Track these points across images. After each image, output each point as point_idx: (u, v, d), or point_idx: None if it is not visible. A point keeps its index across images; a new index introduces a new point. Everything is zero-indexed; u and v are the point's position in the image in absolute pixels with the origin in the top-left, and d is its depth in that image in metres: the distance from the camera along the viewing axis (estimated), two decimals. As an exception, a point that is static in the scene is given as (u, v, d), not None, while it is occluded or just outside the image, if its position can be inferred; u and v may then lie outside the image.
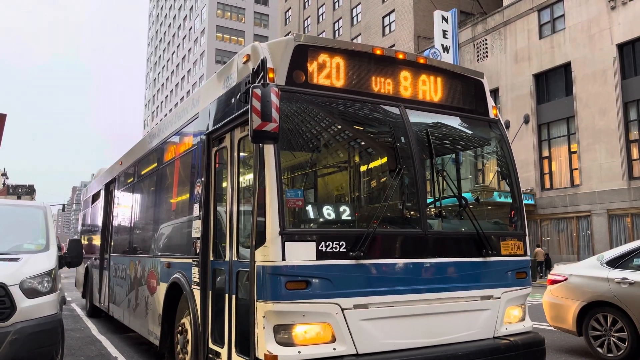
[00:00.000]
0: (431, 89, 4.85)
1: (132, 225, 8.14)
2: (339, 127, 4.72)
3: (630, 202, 20.73)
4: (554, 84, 24.62)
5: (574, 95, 23.08)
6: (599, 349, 6.60)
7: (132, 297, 7.46)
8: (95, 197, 11.82)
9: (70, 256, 6.88)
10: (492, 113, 5.24)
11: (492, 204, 9.90)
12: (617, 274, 6.47)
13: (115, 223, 9.36)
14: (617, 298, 6.36)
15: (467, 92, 5.13)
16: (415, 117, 4.66)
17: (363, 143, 5.19)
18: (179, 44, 75.36)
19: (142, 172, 7.76)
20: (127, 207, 8.62)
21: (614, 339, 6.44)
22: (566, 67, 23.68)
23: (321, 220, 4.12)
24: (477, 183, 16.53)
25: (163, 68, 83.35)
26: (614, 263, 6.67)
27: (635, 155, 21.00)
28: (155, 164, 7.06)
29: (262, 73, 3.99)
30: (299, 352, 3.68)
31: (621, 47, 21.53)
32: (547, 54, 24.48)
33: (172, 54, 78.44)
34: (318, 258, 3.80)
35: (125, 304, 7.92)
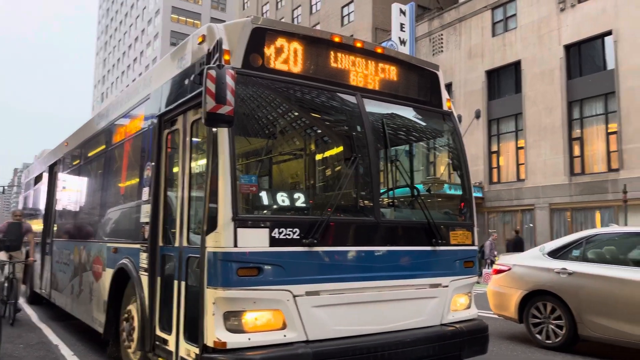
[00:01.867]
0: (388, 78, 4.88)
1: (78, 209, 7.82)
2: (295, 113, 4.68)
3: (570, 197, 21.73)
4: (504, 81, 25.38)
5: (523, 93, 23.89)
6: (538, 336, 6.91)
7: (76, 284, 7.19)
8: (37, 179, 11.29)
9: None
10: (446, 105, 5.33)
11: (443, 195, 10.14)
12: (557, 264, 6.78)
13: (59, 207, 8.98)
14: (556, 287, 6.66)
15: (423, 84, 5.19)
16: (371, 106, 4.68)
17: (319, 131, 5.17)
18: (132, 24, 72.69)
19: (89, 154, 7.45)
20: (73, 190, 8.28)
21: (552, 326, 6.75)
22: (516, 65, 24.44)
23: (275, 206, 4.08)
24: (428, 175, 16.89)
25: (114, 48, 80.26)
26: (554, 254, 6.97)
27: (576, 152, 21.99)
28: (104, 146, 6.79)
29: (218, 54, 3.89)
30: (249, 339, 3.65)
31: (568, 48, 22.40)
32: (499, 52, 25.18)
33: (124, 34, 75.61)
34: (271, 245, 3.77)
35: (68, 291, 7.63)
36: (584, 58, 22.25)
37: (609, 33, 20.90)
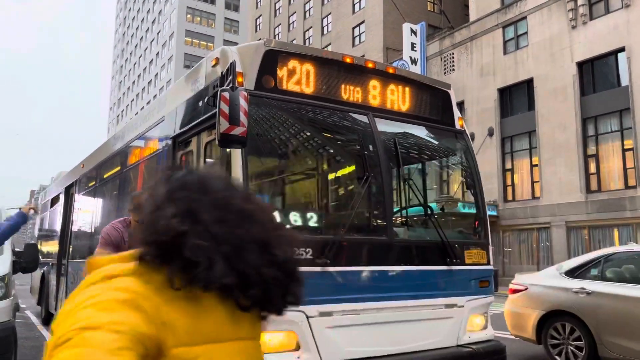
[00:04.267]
0: (399, 98, 4.90)
1: (93, 230, 7.89)
2: (308, 133, 4.71)
3: (587, 214, 21.42)
4: (517, 98, 25.32)
5: (536, 110, 23.78)
6: (557, 358, 6.75)
7: (91, 305, 7.21)
8: (54, 201, 11.43)
9: (25, 261, 6.61)
10: (458, 124, 5.33)
11: (457, 214, 10.07)
12: (575, 283, 6.65)
13: (74, 228, 9.07)
14: (574, 307, 6.53)
15: (434, 103, 5.21)
16: (383, 125, 4.70)
17: (331, 150, 5.19)
18: (147, 48, 74.18)
19: (105, 176, 7.55)
20: (88, 211, 8.36)
21: (571, 348, 6.60)
22: (529, 83, 24.40)
23: (288, 226, 4.09)
24: (442, 193, 16.76)
25: (129, 71, 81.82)
26: (572, 273, 6.85)
27: (592, 169, 21.75)
28: (119, 167, 6.88)
29: (231, 77, 3.95)
30: (263, 361, 3.62)
31: (581, 65, 22.33)
32: (511, 70, 25.18)
33: (140, 58, 77.12)
34: (284, 265, 3.76)
35: (83, 312, 7.65)
36: (597, 75, 22.14)
37: (621, 50, 20.82)
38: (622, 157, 20.81)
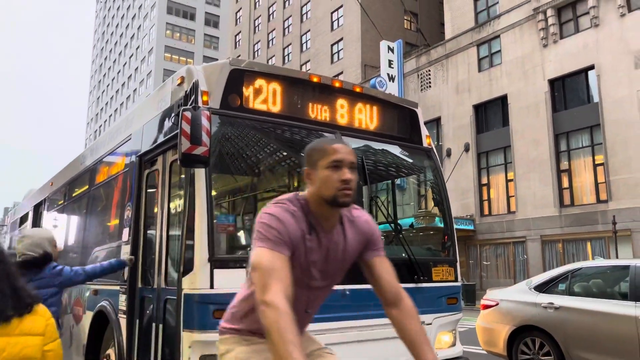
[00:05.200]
0: (367, 117, 4.94)
1: (60, 250, 7.72)
2: (275, 152, 4.71)
3: (561, 228, 21.79)
4: (492, 115, 25.79)
5: (510, 126, 24.24)
6: (528, 373, 6.79)
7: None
8: (23, 219, 11.18)
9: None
10: (425, 142, 5.39)
11: (430, 228, 10.14)
12: (544, 298, 6.73)
13: (43, 247, 8.85)
14: (544, 322, 6.60)
15: (402, 122, 5.26)
16: (351, 144, 4.71)
17: (298, 169, 5.19)
18: (125, 63, 73.74)
19: (73, 194, 7.43)
20: (56, 230, 8.19)
21: (541, 363, 6.65)
22: (503, 100, 24.89)
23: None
24: (419, 208, 16.87)
25: (107, 86, 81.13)
26: (541, 288, 6.93)
27: (565, 184, 22.18)
28: (87, 186, 6.78)
29: (194, 96, 3.94)
30: (226, 384, 3.56)
31: (552, 82, 22.89)
32: (485, 87, 25.67)
33: (118, 73, 76.59)
34: (248, 285, 3.73)
35: (49, 334, 7.44)
36: (569, 92, 22.71)
37: (591, 67, 21.42)
38: (594, 171, 21.29)
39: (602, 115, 20.79)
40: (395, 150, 5.22)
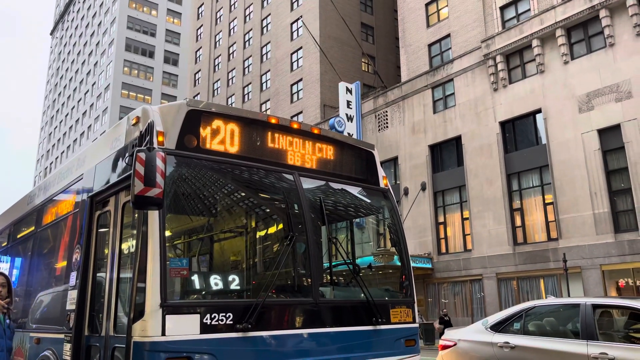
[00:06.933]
0: (325, 158, 4.98)
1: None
2: (233, 193, 4.66)
3: (515, 266, 22.29)
4: (447, 154, 26.55)
5: (465, 166, 24.98)
6: (487, 414, 6.75)
7: (-6, 378, 6.55)
8: (-37, 262, 10.52)
9: None
10: (382, 183, 5.46)
11: (388, 267, 10.16)
12: (500, 338, 6.78)
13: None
14: (501, 362, 6.62)
15: (359, 162, 5.33)
16: (309, 185, 4.73)
17: (257, 210, 5.14)
18: (80, 99, 72.29)
19: (18, 236, 7.07)
20: (-2, 273, 7.73)
21: (500, 403, 6.63)
22: (457, 140, 25.71)
23: (208, 290, 3.95)
24: (378, 247, 16.95)
25: (61, 122, 79.05)
26: (496, 327, 6.99)
27: (518, 222, 22.85)
28: (33, 227, 6.47)
29: (149, 136, 3.88)
30: None
31: (503, 124, 23.88)
32: (440, 127, 26.51)
33: (72, 109, 74.89)
34: (202, 332, 3.60)
35: (-15, 387, 6.92)
36: (519, 133, 23.71)
37: (539, 111, 22.51)
38: (544, 210, 22.06)
39: (550, 156, 21.73)
40: (353, 190, 5.26)
